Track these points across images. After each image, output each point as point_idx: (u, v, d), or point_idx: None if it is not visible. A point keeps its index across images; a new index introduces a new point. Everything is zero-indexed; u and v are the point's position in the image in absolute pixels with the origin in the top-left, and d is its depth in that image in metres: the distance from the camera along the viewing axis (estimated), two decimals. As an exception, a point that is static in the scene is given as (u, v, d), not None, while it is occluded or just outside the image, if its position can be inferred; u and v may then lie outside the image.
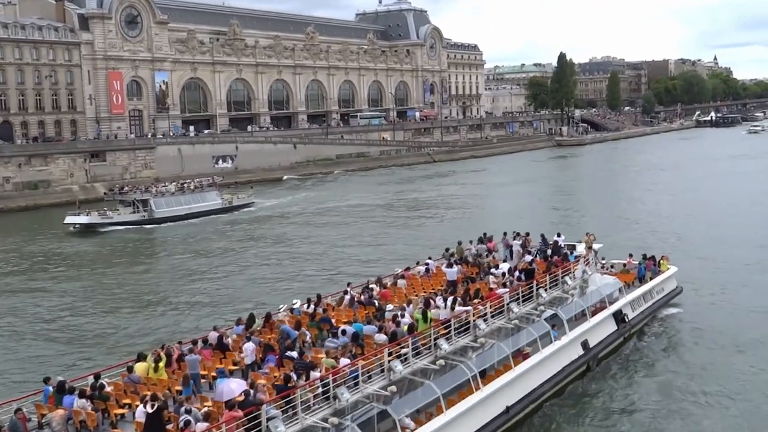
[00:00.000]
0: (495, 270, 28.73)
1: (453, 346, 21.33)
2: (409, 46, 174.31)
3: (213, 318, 34.34)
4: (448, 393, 19.83)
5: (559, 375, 24.36)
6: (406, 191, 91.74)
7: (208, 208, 76.00)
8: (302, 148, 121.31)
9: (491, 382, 21.33)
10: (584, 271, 29.38)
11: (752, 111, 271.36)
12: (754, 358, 26.50)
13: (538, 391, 23.15)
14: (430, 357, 20.51)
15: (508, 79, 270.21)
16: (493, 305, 23.57)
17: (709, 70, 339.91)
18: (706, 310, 32.63)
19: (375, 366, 19.04)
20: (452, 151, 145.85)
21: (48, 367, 28.01)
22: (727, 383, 24.06)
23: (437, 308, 23.28)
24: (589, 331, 26.77)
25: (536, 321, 24.80)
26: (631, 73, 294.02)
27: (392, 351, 19.60)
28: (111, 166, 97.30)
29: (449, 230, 58.12)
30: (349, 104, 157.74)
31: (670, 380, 24.96)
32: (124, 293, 42.73)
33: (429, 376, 20.02)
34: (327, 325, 22.82)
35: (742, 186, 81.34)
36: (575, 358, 25.48)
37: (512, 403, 21.75)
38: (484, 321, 22.76)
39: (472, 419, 20.17)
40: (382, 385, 18.67)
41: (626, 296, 30.19)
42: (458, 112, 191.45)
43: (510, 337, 23.27)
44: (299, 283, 42.23)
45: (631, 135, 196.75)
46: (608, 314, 28.42)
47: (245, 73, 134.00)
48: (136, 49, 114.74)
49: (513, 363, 22.47)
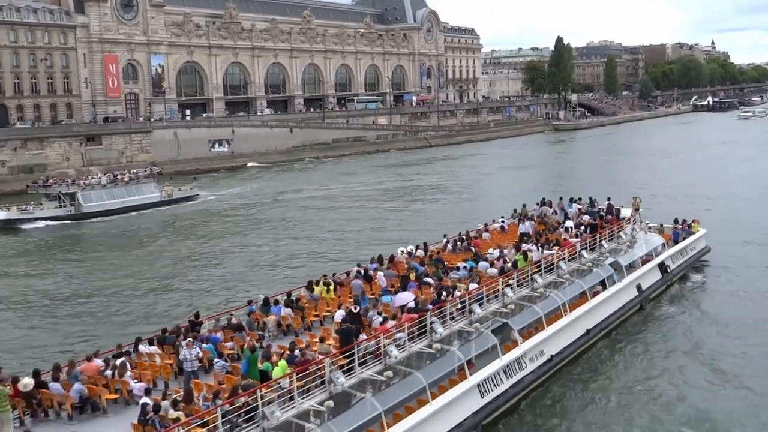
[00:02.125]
0: (567, 223, 34.55)
1: (545, 281, 27.06)
2: (406, 30, 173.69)
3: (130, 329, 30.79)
4: (546, 315, 25.37)
5: (621, 310, 30.14)
6: (391, 178, 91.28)
7: (144, 202, 70.52)
8: (298, 132, 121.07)
9: (575, 309, 27.00)
10: (633, 228, 35.15)
11: (749, 95, 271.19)
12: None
13: (608, 320, 28.92)
14: (528, 289, 26.25)
15: (505, 64, 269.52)
16: (569, 251, 29.44)
17: (707, 55, 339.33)
18: (730, 265, 38.57)
19: (491, 292, 24.21)
20: (449, 136, 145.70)
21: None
22: (747, 316, 30.64)
23: (530, 251, 28.67)
24: (642, 277, 32.58)
25: (602, 265, 30.66)
26: (629, 58, 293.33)
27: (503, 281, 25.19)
28: (107, 150, 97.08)
29: (450, 215, 58.55)
30: (345, 88, 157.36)
31: (705, 317, 31.19)
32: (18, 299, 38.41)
33: (534, 301, 25.92)
34: (441, 264, 28.38)
35: (738, 169, 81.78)
36: (632, 298, 31.35)
37: (591, 327, 27.53)
38: (564, 263, 28.53)
39: (563, 337, 25.85)
40: (497, 307, 24.07)
41: (668, 251, 35.81)
42: (455, 97, 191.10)
43: (584, 277, 29.19)
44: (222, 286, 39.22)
45: (628, 119, 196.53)
46: (654, 265, 34.17)
47: (241, 57, 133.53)
48: (132, 32, 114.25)
49: (589, 296, 28.30)
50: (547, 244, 30.13)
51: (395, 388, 19.10)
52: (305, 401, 17.06)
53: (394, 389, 19.05)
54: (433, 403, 19.35)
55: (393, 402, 18.65)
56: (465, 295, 23.19)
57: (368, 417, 17.70)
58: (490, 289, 24.11)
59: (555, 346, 25.19)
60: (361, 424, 17.49)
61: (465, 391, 20.54)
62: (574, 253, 29.72)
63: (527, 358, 23.59)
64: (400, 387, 19.23)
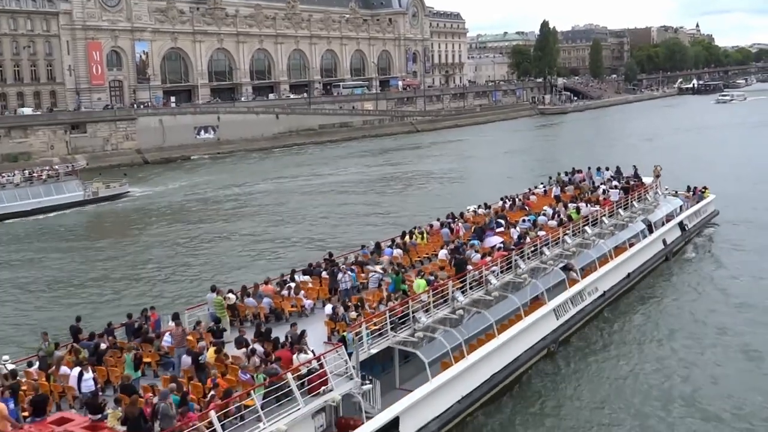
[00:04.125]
0: (602, 187, 40.18)
1: (593, 232, 32.72)
2: (391, 15, 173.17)
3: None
4: (597, 259, 30.92)
5: (652, 259, 36.17)
6: (374, 165, 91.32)
7: (64, 201, 63.89)
8: (284, 118, 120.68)
9: (618, 256, 32.70)
10: (656, 192, 41.12)
11: (734, 78, 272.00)
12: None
13: (643, 266, 34.83)
14: (581, 237, 31.73)
15: (491, 48, 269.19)
16: (609, 209, 35.17)
17: (691, 38, 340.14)
18: (736, 225, 45.58)
19: (554, 239, 29.81)
20: (435, 121, 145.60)
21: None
22: (751, 263, 37.31)
23: (581, 207, 34.91)
24: (666, 233, 38.54)
25: (635, 222, 36.35)
26: (614, 41, 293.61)
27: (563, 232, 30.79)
28: (92, 138, 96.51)
29: (442, 198, 59.15)
30: (331, 74, 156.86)
31: (719, 265, 37.57)
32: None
33: (587, 247, 31.41)
34: (505, 220, 33.51)
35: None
36: (659, 250, 37.38)
37: (631, 271, 33.55)
38: (606, 218, 34.26)
39: (611, 277, 31.64)
40: (559, 251, 29.81)
41: (686, 212, 41.88)
42: (441, 81, 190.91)
43: (622, 230, 34.77)
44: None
45: (614, 103, 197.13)
46: (676, 223, 40.13)
47: (226, 43, 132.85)
48: (116, 18, 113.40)
49: (628, 246, 34.11)
50: (589, 203, 36.16)
51: (498, 306, 24.43)
52: (438, 311, 22.50)
53: (498, 307, 24.34)
54: (525, 320, 24.89)
55: (498, 316, 23.87)
56: (536, 240, 28.84)
57: (483, 326, 23.20)
58: (553, 237, 29.87)
59: (605, 284, 31.06)
60: (479, 330, 22.99)
61: (545, 314, 26.20)
62: (612, 211, 35.50)
63: (586, 292, 29.40)
64: (501, 306, 24.59)
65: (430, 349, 20.61)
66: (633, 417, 21.14)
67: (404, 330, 20.91)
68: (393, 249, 29.04)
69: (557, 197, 38.88)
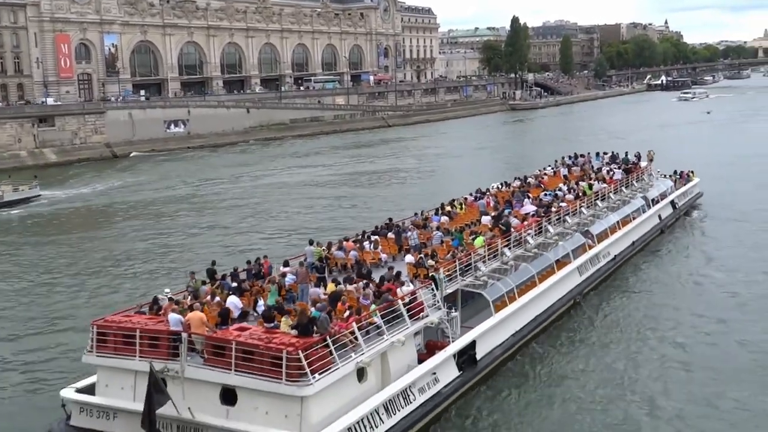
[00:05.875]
0: (604, 168, 44.41)
1: (606, 204, 38.20)
2: (362, 9, 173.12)
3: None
4: (609, 228, 35.85)
5: (650, 231, 41.05)
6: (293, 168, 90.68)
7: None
8: (255, 112, 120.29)
9: (624, 226, 37.76)
10: (650, 174, 46.20)
11: (701, 75, 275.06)
12: (745, 224, 45.72)
13: (644, 237, 39.86)
14: (593, 209, 36.67)
15: (462, 43, 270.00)
16: (614, 187, 40.20)
17: (660, 35, 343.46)
18: (718, 204, 50.96)
19: (573, 209, 34.54)
20: (407, 116, 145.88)
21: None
22: (731, 234, 43.14)
23: (592, 184, 39.58)
24: (661, 210, 43.49)
25: (636, 198, 41.43)
26: (584, 37, 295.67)
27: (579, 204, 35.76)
28: (60, 131, 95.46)
29: (413, 193, 58.98)
30: (302, 68, 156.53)
31: (705, 237, 43.34)
32: None
33: (600, 217, 36.30)
34: (522, 195, 37.35)
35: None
36: (656, 224, 42.32)
37: (635, 239, 38.59)
38: (612, 194, 39.46)
39: (619, 244, 36.56)
40: (577, 220, 34.49)
41: (676, 192, 47.11)
42: (412, 76, 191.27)
43: (626, 205, 39.82)
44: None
45: (584, 99, 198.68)
46: (668, 201, 45.24)
47: (197, 37, 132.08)
48: (84, 11, 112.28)
49: (631, 219, 38.97)
50: (598, 181, 40.55)
51: (536, 262, 28.92)
52: (493, 263, 27.00)
53: (537, 262, 28.88)
54: (557, 274, 29.47)
55: (537, 269, 28.36)
56: (560, 210, 33.54)
57: (527, 276, 27.64)
58: (572, 208, 34.63)
59: (616, 249, 35.81)
60: (524, 280, 27.31)
61: (571, 270, 30.80)
62: (617, 188, 40.44)
63: (601, 255, 34.10)
64: (538, 261, 29.04)
65: (491, 291, 25.30)
66: (646, 347, 26.67)
67: (468, 276, 25.31)
68: (440, 216, 32.99)
69: (566, 177, 43.61)
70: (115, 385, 19.46)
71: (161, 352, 18.68)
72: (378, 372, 19.79)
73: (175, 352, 18.41)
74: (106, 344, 19.71)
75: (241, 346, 17.98)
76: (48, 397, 22.75)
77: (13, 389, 24.59)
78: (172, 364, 18.21)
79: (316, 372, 17.53)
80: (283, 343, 17.87)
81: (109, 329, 19.88)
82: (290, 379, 17.29)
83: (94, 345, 19.85)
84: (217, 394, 18.19)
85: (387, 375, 20.02)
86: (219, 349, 18.25)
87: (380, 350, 19.64)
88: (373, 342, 19.59)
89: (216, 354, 18.27)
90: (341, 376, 18.16)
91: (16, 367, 26.48)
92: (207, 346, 18.56)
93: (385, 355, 19.97)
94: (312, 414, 17.51)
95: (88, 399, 19.70)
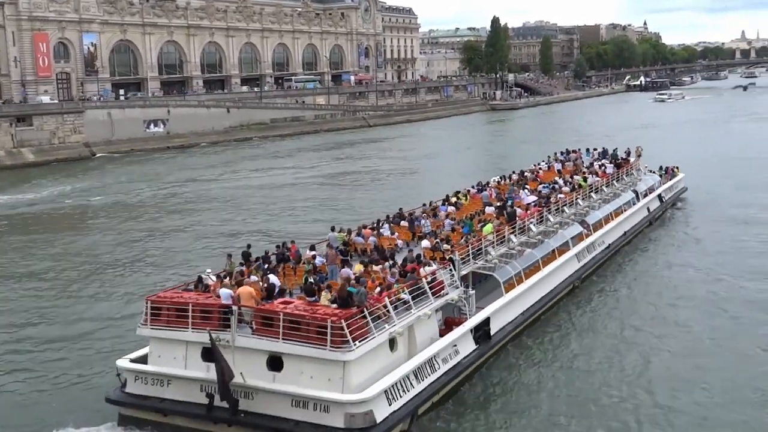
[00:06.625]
0: (596, 164, 46.87)
1: (600, 197, 40.25)
2: (343, 9, 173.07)
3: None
4: (603, 218, 37.90)
5: (640, 222, 43.25)
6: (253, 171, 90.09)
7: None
8: (236, 112, 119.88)
9: (617, 217, 39.69)
10: (639, 169, 48.57)
11: (680, 76, 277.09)
12: (726, 215, 48.25)
13: (634, 227, 41.96)
14: (588, 201, 38.68)
15: (443, 43, 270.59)
16: (606, 181, 42.33)
17: (639, 35, 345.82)
18: (701, 197, 53.88)
19: (569, 200, 36.39)
20: (387, 116, 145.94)
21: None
22: (713, 225, 45.73)
23: (587, 177, 41.52)
24: (649, 202, 45.76)
25: (627, 191, 43.65)
26: (564, 38, 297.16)
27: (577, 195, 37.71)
28: (38, 131, 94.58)
29: (394, 193, 58.99)
30: (283, 68, 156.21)
31: (689, 227, 45.81)
32: None
33: (595, 208, 38.66)
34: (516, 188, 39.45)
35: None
36: (645, 215, 44.55)
37: (627, 229, 40.67)
38: (605, 187, 41.52)
39: (613, 234, 38.43)
40: (574, 210, 36.37)
41: (663, 186, 49.39)
42: (393, 76, 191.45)
43: (617, 197, 41.83)
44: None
45: (564, 99, 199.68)
46: (656, 194, 47.48)
47: (176, 36, 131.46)
48: (63, 9, 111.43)
49: (623, 211, 41.01)
50: (590, 175, 42.56)
51: (539, 248, 30.98)
52: (501, 248, 28.99)
53: (540, 248, 30.98)
54: (558, 260, 31.34)
55: (541, 255, 30.30)
56: (558, 201, 35.45)
57: (531, 261, 29.52)
58: (569, 199, 36.39)
59: (609, 239, 37.80)
60: (529, 264, 29.18)
61: (570, 257, 32.61)
62: (609, 182, 42.46)
63: (596, 243, 36.07)
64: (541, 248, 31.09)
65: (501, 273, 27.35)
66: (639, 328, 28.67)
67: (479, 260, 27.24)
68: (447, 206, 34.84)
69: (559, 171, 45.69)
70: (168, 355, 21.27)
71: (213, 323, 20.36)
72: (406, 343, 21.83)
73: (225, 323, 20.17)
74: (160, 318, 21.47)
75: (288, 316, 19.90)
76: (100, 369, 25.17)
77: (69, 361, 26.66)
78: (224, 335, 19.90)
79: (356, 340, 19.41)
80: (327, 314, 19.87)
81: (162, 304, 21.70)
82: (334, 345, 19.16)
83: (149, 319, 21.59)
84: (264, 362, 20.08)
85: (413, 346, 21.99)
86: (267, 320, 20.11)
87: (408, 323, 21.70)
88: (402, 315, 21.52)
89: (264, 324, 20.11)
90: (376, 344, 20.19)
91: (69, 343, 28.67)
92: (256, 318, 20.33)
93: (412, 328, 21.98)
94: (353, 377, 19.46)
95: (144, 367, 21.57)
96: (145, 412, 21.05)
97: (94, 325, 30.54)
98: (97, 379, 24.62)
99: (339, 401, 19.15)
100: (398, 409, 20.05)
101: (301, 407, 19.43)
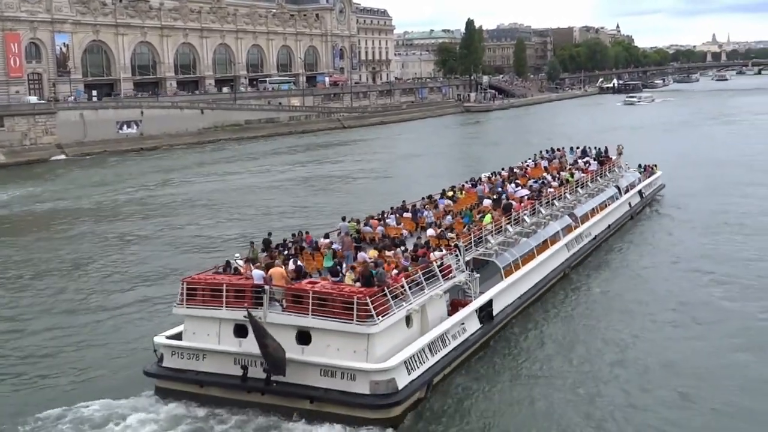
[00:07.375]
0: (580, 161, 49.68)
1: (585, 191, 42.66)
2: (318, 11, 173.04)
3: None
4: (589, 212, 40.17)
5: (622, 217, 45.67)
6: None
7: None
8: (210, 113, 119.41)
9: (601, 211, 42.01)
10: (620, 166, 51.22)
11: (652, 78, 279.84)
12: (701, 209, 51.77)
13: (617, 221, 44.39)
14: (575, 195, 41.05)
15: (418, 45, 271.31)
16: (591, 176, 44.95)
17: (612, 38, 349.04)
18: (677, 194, 56.56)
19: (558, 194, 38.97)
20: (362, 117, 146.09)
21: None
22: (688, 220, 48.75)
23: (574, 173, 44.27)
24: (630, 198, 48.15)
25: (610, 187, 46.05)
26: (538, 40, 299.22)
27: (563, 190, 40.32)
28: (9, 132, 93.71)
29: (370, 194, 59.07)
30: (257, 69, 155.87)
31: (668, 220, 49.39)
32: None
33: (581, 202, 40.76)
34: (516, 183, 41.41)
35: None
36: (627, 210, 46.95)
37: (611, 223, 43.16)
38: (590, 183, 44.09)
39: (598, 227, 40.85)
40: (563, 204, 38.91)
41: (643, 183, 52.03)
42: (368, 78, 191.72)
43: (602, 193, 44.22)
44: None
45: (538, 101, 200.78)
46: (637, 190, 50.16)
47: (150, 37, 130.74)
48: (35, 9, 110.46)
49: (607, 205, 43.21)
50: (576, 171, 45.21)
51: (533, 237, 33.10)
52: (499, 237, 31.23)
53: (534, 237, 33.08)
54: (551, 248, 33.57)
55: (535, 243, 32.47)
56: (548, 195, 37.92)
57: (527, 249, 31.62)
58: (558, 193, 39.05)
59: (595, 231, 40.21)
60: (525, 252, 31.28)
61: (561, 247, 34.86)
62: (593, 178, 45.12)
63: (584, 235, 38.35)
64: (535, 237, 33.19)
65: (501, 260, 29.46)
66: (624, 313, 31.26)
67: (480, 248, 29.54)
68: (444, 199, 37.08)
69: (546, 168, 47.75)
70: (202, 332, 23.07)
71: (246, 302, 22.20)
72: (419, 320, 23.83)
73: (257, 301, 22.06)
74: (195, 298, 23.36)
75: (317, 294, 21.91)
76: (138, 344, 27.27)
77: (107, 337, 29.17)
78: (255, 312, 21.52)
79: (379, 315, 21.38)
80: (353, 291, 21.94)
81: (198, 285, 23.62)
82: (360, 319, 21.12)
83: (184, 298, 23.45)
84: (294, 336, 21.89)
85: (426, 323, 23.99)
86: (297, 298, 22.17)
87: (422, 302, 23.65)
88: (417, 295, 23.54)
89: (294, 302, 22.16)
90: (396, 320, 22.19)
91: (108, 320, 31.28)
92: (287, 296, 22.40)
93: (425, 307, 23.92)
94: (377, 348, 21.41)
95: (180, 343, 23.35)
96: (182, 383, 22.75)
97: (118, 312, 32.63)
98: (130, 356, 26.64)
99: (365, 370, 21.05)
100: (416, 378, 22.03)
101: (329, 376, 21.30)
